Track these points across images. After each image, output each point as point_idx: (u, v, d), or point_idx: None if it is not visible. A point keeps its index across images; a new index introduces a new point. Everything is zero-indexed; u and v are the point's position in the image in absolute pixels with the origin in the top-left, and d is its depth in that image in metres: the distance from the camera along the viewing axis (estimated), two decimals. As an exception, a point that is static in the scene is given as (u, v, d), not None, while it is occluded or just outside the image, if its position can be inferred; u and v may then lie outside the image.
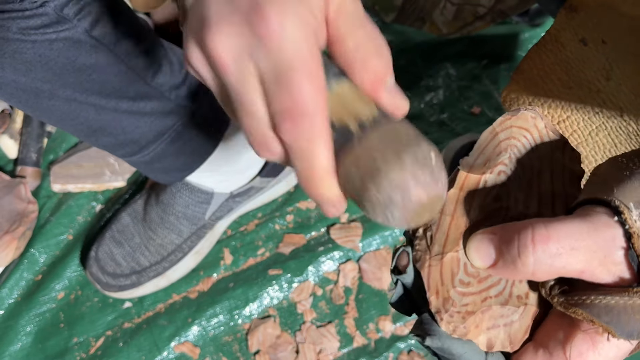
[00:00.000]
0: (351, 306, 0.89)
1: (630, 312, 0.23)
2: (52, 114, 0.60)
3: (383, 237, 0.92)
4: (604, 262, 0.23)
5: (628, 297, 0.23)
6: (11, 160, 0.97)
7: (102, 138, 0.65)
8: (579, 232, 0.23)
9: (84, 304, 0.88)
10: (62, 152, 0.98)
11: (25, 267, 0.89)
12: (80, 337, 0.86)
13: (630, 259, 0.23)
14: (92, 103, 0.59)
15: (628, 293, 0.23)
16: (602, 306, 0.23)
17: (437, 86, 1.04)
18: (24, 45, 0.50)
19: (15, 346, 0.85)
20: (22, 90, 0.55)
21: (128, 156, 0.70)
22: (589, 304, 0.23)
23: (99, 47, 0.55)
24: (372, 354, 0.86)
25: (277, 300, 0.89)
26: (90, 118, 0.61)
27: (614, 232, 0.24)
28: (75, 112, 0.60)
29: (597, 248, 0.23)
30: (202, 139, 0.74)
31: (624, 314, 0.23)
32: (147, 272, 0.85)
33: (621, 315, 0.23)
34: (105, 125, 0.63)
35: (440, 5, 0.91)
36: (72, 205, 0.93)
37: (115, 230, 0.87)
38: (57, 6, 0.49)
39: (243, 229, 0.93)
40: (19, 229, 0.87)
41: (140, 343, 0.85)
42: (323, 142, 0.26)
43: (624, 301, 0.23)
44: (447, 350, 0.26)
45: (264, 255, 0.92)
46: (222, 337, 0.87)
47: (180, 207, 0.84)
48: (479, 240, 0.26)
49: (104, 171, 0.94)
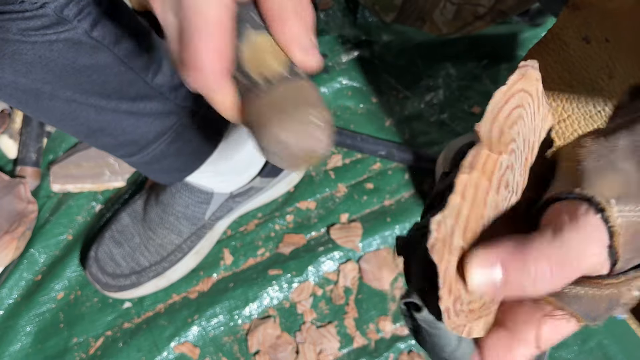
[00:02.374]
0: (351, 306, 0.89)
1: (598, 301, 0.24)
2: (51, 114, 0.60)
3: (383, 238, 0.92)
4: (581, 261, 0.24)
5: (597, 289, 0.24)
6: (11, 160, 0.97)
7: (101, 138, 0.65)
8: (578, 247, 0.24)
9: (84, 304, 0.88)
10: (62, 152, 0.98)
11: (24, 267, 0.89)
12: (80, 338, 0.86)
13: (609, 255, 0.24)
14: (92, 104, 0.59)
15: (598, 285, 0.24)
16: (571, 295, 0.24)
17: (437, 86, 1.04)
18: (24, 46, 0.50)
19: (15, 346, 0.85)
20: (22, 91, 0.55)
21: (128, 157, 0.70)
22: (559, 293, 0.24)
23: (99, 48, 0.55)
24: (372, 355, 0.86)
25: (277, 300, 0.89)
26: (90, 119, 0.61)
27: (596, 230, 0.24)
28: (75, 113, 0.59)
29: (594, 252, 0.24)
30: (202, 139, 0.74)
31: (591, 303, 0.24)
32: (147, 272, 0.85)
33: (589, 304, 0.24)
34: (105, 125, 0.63)
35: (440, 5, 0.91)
36: (71, 205, 0.93)
37: (115, 231, 0.87)
38: (57, 7, 0.49)
39: (243, 229, 0.93)
40: (19, 229, 0.87)
41: (140, 343, 0.85)
42: (220, 94, 0.31)
43: (593, 292, 0.24)
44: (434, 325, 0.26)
45: (264, 256, 0.92)
46: (222, 338, 0.87)
47: (179, 207, 0.84)
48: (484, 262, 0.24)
49: (104, 171, 0.94)
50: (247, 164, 0.84)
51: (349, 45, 1.06)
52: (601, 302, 0.24)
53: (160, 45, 0.65)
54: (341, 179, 0.97)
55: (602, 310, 0.24)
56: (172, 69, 0.65)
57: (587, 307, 0.24)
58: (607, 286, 0.24)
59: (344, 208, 0.94)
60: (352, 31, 1.07)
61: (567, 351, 0.87)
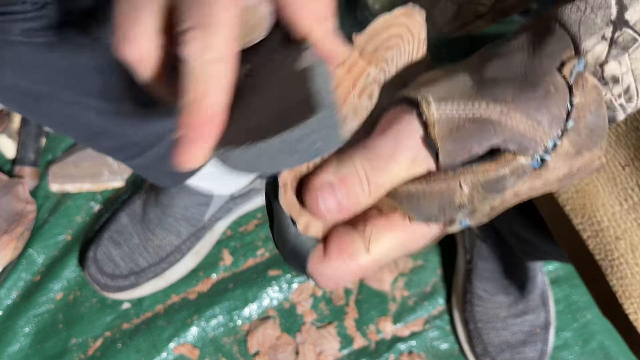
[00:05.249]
0: (351, 307, 0.89)
1: (429, 198, 0.25)
2: (52, 117, 0.59)
3: (383, 238, 0.92)
4: (394, 159, 0.25)
5: (426, 184, 0.25)
6: (9, 160, 0.97)
7: (102, 142, 0.65)
8: (385, 139, 0.25)
9: (83, 304, 0.88)
10: (61, 152, 0.97)
11: (23, 268, 0.89)
12: (79, 338, 0.86)
13: (429, 149, 0.25)
14: (93, 106, 0.59)
15: (426, 180, 0.25)
16: (404, 194, 0.25)
17: (438, 85, 1.04)
18: (25, 47, 0.50)
19: (14, 347, 0.85)
20: (22, 93, 0.54)
21: (129, 159, 0.69)
22: (392, 193, 0.25)
23: (101, 49, 0.54)
24: (373, 355, 0.86)
25: (276, 301, 0.88)
26: (91, 121, 0.60)
27: (410, 124, 0.25)
28: (76, 116, 0.59)
29: (404, 148, 0.25)
30: None
31: (422, 200, 0.25)
32: (146, 273, 0.85)
33: (420, 201, 0.25)
34: (106, 128, 0.62)
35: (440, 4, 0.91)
36: (70, 205, 0.92)
37: (114, 231, 0.86)
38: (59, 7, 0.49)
39: (242, 229, 0.93)
40: (17, 229, 0.86)
41: (139, 344, 0.85)
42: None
43: (422, 187, 0.25)
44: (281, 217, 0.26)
45: (264, 256, 0.91)
46: (221, 338, 0.87)
47: (179, 209, 0.83)
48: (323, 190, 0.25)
49: (103, 171, 0.93)
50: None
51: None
52: (433, 199, 0.25)
53: None
54: (341, 178, 0.96)
55: (435, 208, 0.25)
56: None
57: (420, 205, 0.25)
58: (436, 181, 0.25)
59: (344, 208, 0.94)
60: (352, 30, 1.07)
61: (569, 352, 0.87)
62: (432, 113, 0.25)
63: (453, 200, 0.25)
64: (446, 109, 0.25)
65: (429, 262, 0.92)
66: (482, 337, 0.83)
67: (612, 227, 0.36)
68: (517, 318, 0.84)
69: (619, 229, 0.36)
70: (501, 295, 0.84)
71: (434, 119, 0.25)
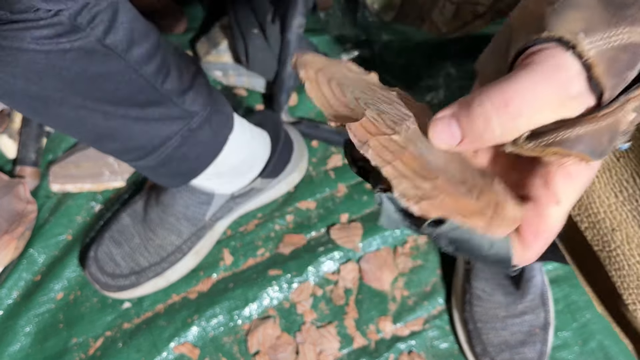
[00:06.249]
0: (351, 307, 0.89)
1: (599, 135, 0.24)
2: (59, 120, 0.60)
3: (383, 238, 0.92)
4: (565, 101, 0.25)
5: (595, 123, 0.24)
6: (10, 160, 0.97)
7: (109, 144, 0.65)
8: (532, 84, 0.24)
9: (83, 304, 0.88)
10: (61, 152, 0.97)
11: (24, 268, 0.89)
12: (80, 338, 0.86)
13: (592, 88, 0.25)
14: (101, 110, 0.59)
15: (595, 119, 0.24)
16: (573, 138, 0.24)
17: (437, 86, 1.04)
18: (37, 55, 0.50)
19: (15, 347, 0.85)
20: (32, 98, 0.55)
21: (134, 161, 0.70)
22: (560, 140, 0.24)
23: (111, 56, 0.55)
24: (373, 355, 0.86)
25: (277, 300, 0.89)
26: (99, 125, 0.61)
27: (568, 68, 0.25)
28: (83, 119, 0.60)
29: (554, 91, 0.24)
30: (207, 143, 0.73)
31: (594, 139, 0.24)
32: (147, 273, 0.85)
33: (592, 140, 0.24)
34: (113, 131, 0.63)
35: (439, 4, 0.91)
36: (71, 205, 0.93)
37: (115, 231, 0.86)
38: (71, 15, 0.50)
39: (243, 229, 0.93)
40: (18, 229, 0.87)
41: (139, 344, 0.85)
42: None
43: (592, 127, 0.24)
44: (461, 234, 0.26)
45: (264, 256, 0.92)
46: (221, 338, 0.87)
47: (180, 208, 0.84)
48: (441, 123, 0.26)
49: (103, 171, 0.94)
50: (249, 166, 0.84)
51: (349, 45, 1.06)
52: (603, 135, 0.24)
53: (169, 48, 0.64)
54: (341, 179, 0.97)
55: (605, 143, 0.25)
56: (179, 73, 0.64)
57: (591, 144, 0.24)
58: (604, 117, 0.24)
59: (344, 208, 0.94)
60: (352, 31, 1.07)
61: (568, 351, 0.87)
62: (588, 51, 0.24)
63: (619, 129, 0.25)
64: (597, 43, 0.24)
65: (428, 262, 0.93)
66: (482, 337, 0.84)
67: (608, 219, 0.36)
68: (516, 318, 0.84)
69: (615, 220, 0.36)
70: (500, 296, 0.85)
71: (595, 58, 0.24)
